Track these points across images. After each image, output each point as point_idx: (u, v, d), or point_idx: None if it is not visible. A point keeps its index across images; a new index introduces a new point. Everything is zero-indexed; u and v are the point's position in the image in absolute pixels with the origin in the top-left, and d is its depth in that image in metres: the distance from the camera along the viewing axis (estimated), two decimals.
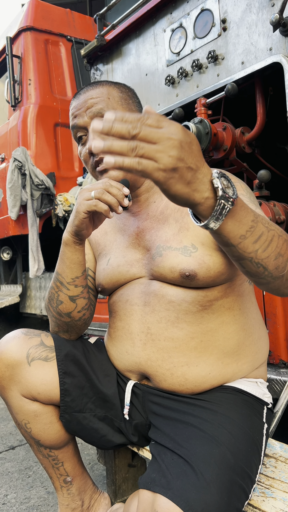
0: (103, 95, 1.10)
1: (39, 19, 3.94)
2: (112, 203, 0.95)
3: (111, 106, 1.09)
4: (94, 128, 0.67)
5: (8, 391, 1.13)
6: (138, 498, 0.85)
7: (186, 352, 1.04)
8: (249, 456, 0.91)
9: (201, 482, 0.78)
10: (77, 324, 1.16)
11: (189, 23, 2.13)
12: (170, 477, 0.81)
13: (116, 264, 1.14)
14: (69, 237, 1.05)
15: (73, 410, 1.15)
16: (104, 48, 2.76)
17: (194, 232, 1.03)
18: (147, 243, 1.11)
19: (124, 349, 1.13)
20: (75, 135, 1.13)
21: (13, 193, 3.62)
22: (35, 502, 1.68)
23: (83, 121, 1.09)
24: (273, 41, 1.75)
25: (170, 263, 1.03)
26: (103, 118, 0.66)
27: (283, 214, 1.91)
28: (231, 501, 0.80)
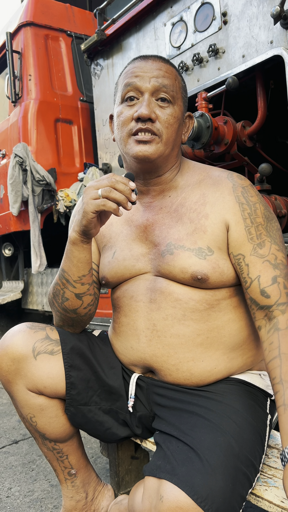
0: (173, 74, 1.07)
1: (38, 14, 3.92)
2: (121, 200, 0.93)
3: (175, 89, 1.06)
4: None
5: (14, 385, 1.13)
6: (144, 485, 0.86)
7: (192, 348, 1.04)
8: (253, 445, 0.92)
9: (206, 468, 0.79)
10: (82, 319, 1.16)
11: (190, 16, 2.13)
12: (176, 463, 0.82)
13: (122, 258, 1.13)
14: (76, 237, 1.02)
15: (79, 403, 1.15)
16: (104, 42, 2.76)
17: (212, 236, 1.02)
18: (156, 238, 1.09)
19: (129, 345, 1.13)
20: (126, 93, 1.06)
21: (14, 189, 3.62)
22: (38, 495, 1.69)
23: (144, 85, 1.04)
24: (274, 34, 1.75)
25: (181, 263, 1.02)
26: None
27: (284, 208, 1.91)
28: (235, 488, 0.81)
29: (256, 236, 1.01)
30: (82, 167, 3.96)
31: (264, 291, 0.98)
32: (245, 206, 1.03)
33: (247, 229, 1.01)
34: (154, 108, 1.03)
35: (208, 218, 1.04)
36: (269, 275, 0.99)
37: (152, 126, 1.02)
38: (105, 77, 2.91)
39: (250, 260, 1.00)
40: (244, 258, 1.01)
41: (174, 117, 1.05)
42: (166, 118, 1.04)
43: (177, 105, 1.07)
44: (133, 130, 1.04)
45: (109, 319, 2.64)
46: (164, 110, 1.04)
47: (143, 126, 1.02)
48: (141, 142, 1.03)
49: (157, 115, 1.03)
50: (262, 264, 0.99)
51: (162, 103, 1.04)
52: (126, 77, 1.07)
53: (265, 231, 1.02)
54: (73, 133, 4.02)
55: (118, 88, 1.11)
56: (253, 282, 0.99)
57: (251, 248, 1.01)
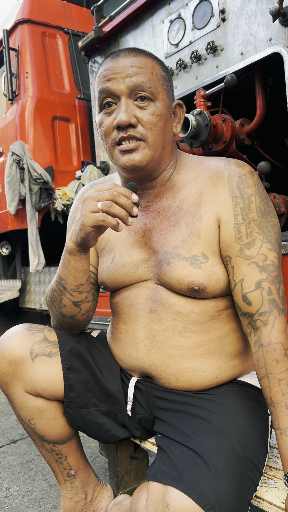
0: (147, 67, 0.97)
1: (35, 12, 3.90)
2: (121, 216, 0.88)
3: (153, 82, 0.97)
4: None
5: (12, 387, 1.12)
6: (148, 491, 0.84)
7: (192, 358, 1.02)
8: (257, 448, 0.91)
9: (213, 474, 0.78)
10: (80, 324, 1.15)
11: (188, 13, 2.11)
12: (181, 469, 0.81)
13: (121, 264, 1.09)
14: (73, 247, 0.98)
15: (77, 406, 1.14)
16: (101, 40, 2.74)
17: (207, 240, 0.98)
18: (155, 244, 1.05)
19: (127, 352, 1.11)
20: (102, 100, 0.98)
21: (11, 187, 3.60)
22: (37, 495, 1.68)
23: (119, 88, 0.95)
24: (272, 31, 1.74)
25: (177, 274, 0.98)
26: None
27: (283, 206, 1.90)
28: (242, 493, 0.80)
29: (246, 235, 0.95)
30: (80, 165, 3.95)
31: (246, 297, 0.94)
32: (239, 200, 0.96)
33: (236, 228, 0.96)
34: (133, 110, 0.95)
35: (202, 221, 0.99)
36: (253, 279, 0.94)
37: (134, 131, 0.95)
38: None
39: (235, 262, 0.96)
40: (231, 260, 0.97)
41: (157, 115, 0.97)
42: (148, 119, 0.96)
43: (159, 100, 0.98)
44: (116, 140, 0.97)
45: (107, 318, 2.63)
46: (145, 110, 0.96)
47: (124, 134, 0.95)
48: (126, 152, 0.97)
49: (138, 118, 0.95)
50: (247, 266, 0.95)
51: (142, 103, 0.96)
52: (99, 82, 1.00)
53: (257, 227, 0.95)
54: (70, 131, 4.00)
55: (95, 95, 1.03)
56: (236, 285, 0.96)
57: (238, 249, 0.95)
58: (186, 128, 1.86)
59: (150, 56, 1.01)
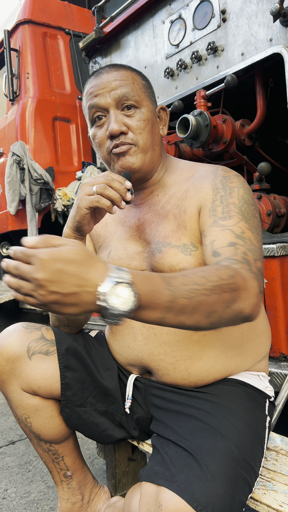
0: (128, 78, 1.07)
1: (37, 12, 3.90)
2: (115, 198, 0.93)
3: (135, 91, 1.06)
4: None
5: (8, 385, 1.12)
6: (141, 491, 0.84)
7: (189, 346, 1.03)
8: (253, 449, 0.90)
9: (206, 474, 0.77)
10: (78, 319, 1.16)
11: (189, 14, 2.11)
12: (174, 470, 0.80)
13: (117, 257, 1.13)
14: (70, 233, 1.03)
15: (74, 404, 1.14)
16: (102, 40, 2.74)
17: (192, 231, 1.02)
18: (148, 236, 1.10)
19: (125, 343, 1.12)
20: (92, 115, 1.08)
21: (11, 188, 3.60)
22: (35, 496, 1.67)
23: (105, 102, 1.05)
24: (273, 32, 1.73)
25: (169, 261, 1.01)
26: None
27: (284, 207, 1.89)
28: (235, 494, 0.80)
29: (222, 212, 0.94)
30: (80, 166, 3.95)
31: (216, 252, 0.88)
32: (220, 190, 0.99)
33: (212, 209, 0.97)
34: (122, 119, 1.04)
35: (186, 213, 1.03)
36: (227, 240, 0.88)
37: (126, 138, 1.04)
38: None
39: (208, 230, 0.94)
40: (204, 232, 0.96)
41: (143, 120, 1.06)
42: (137, 125, 1.05)
43: (144, 107, 1.07)
44: (110, 148, 1.05)
45: None
46: (132, 118, 1.05)
47: (117, 141, 1.04)
48: (121, 155, 1.05)
49: (128, 125, 1.04)
50: (221, 231, 0.90)
51: (129, 111, 1.05)
52: (87, 99, 1.08)
53: (236, 209, 0.94)
54: (71, 131, 4.00)
55: (85, 112, 1.12)
56: (207, 247, 0.92)
57: (212, 221, 0.94)
58: (186, 128, 1.85)
59: (129, 69, 1.10)
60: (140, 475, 0.86)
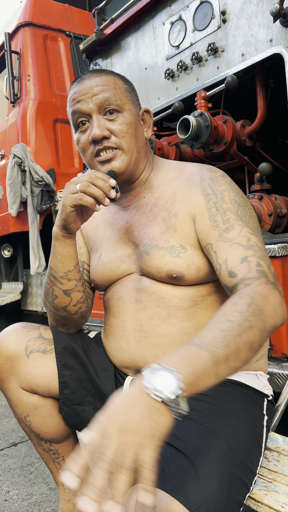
0: (110, 83, 1.08)
1: (37, 15, 3.92)
2: (97, 196, 0.94)
3: (117, 96, 1.07)
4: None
5: (7, 383, 1.13)
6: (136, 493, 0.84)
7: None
8: (249, 448, 0.90)
9: (199, 475, 0.77)
10: (74, 317, 1.16)
11: (189, 15, 2.11)
12: (168, 471, 0.80)
13: (107, 260, 1.14)
14: (58, 231, 1.04)
15: (72, 403, 1.14)
16: (103, 42, 2.74)
17: (183, 234, 1.02)
18: (136, 239, 1.11)
19: (118, 346, 1.12)
20: (76, 120, 1.09)
21: (13, 190, 3.61)
22: (37, 498, 1.67)
23: (88, 107, 1.05)
24: (273, 32, 1.73)
25: (157, 262, 1.02)
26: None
27: (285, 208, 1.89)
28: (230, 494, 0.79)
29: (223, 222, 0.96)
30: (81, 168, 3.95)
31: (232, 272, 0.90)
32: (211, 196, 1.00)
33: (211, 218, 0.98)
34: (105, 124, 1.05)
35: (177, 216, 1.04)
36: (238, 256, 0.90)
37: (109, 142, 1.05)
38: None
39: (217, 246, 0.95)
40: (212, 246, 0.96)
41: (126, 124, 1.06)
42: (119, 129, 1.05)
43: (126, 111, 1.08)
44: (94, 153, 1.06)
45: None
46: (115, 122, 1.06)
47: (100, 146, 1.05)
48: (105, 162, 1.05)
49: (110, 129, 1.05)
50: (230, 247, 0.93)
51: (111, 116, 1.06)
52: (70, 105, 1.09)
53: (234, 215, 0.96)
54: (72, 133, 4.00)
55: (69, 117, 1.13)
56: (221, 267, 0.93)
57: (217, 234, 0.96)
58: (187, 129, 1.85)
59: (111, 73, 1.11)
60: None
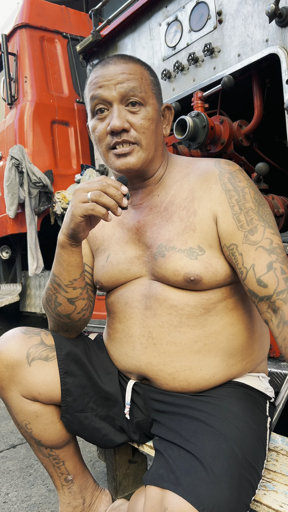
0: (137, 73, 1.00)
1: (34, 16, 3.91)
2: (110, 206, 0.89)
3: (143, 87, 1.00)
4: None
5: (8, 391, 1.11)
6: (145, 495, 0.83)
7: (189, 356, 1.00)
8: (256, 450, 0.90)
9: (211, 477, 0.77)
10: (77, 324, 1.14)
11: (185, 16, 2.11)
12: (179, 472, 0.79)
13: (116, 262, 1.09)
14: (65, 240, 0.99)
15: (75, 410, 1.12)
16: (99, 43, 2.74)
17: (202, 233, 0.98)
18: (148, 240, 1.05)
19: (123, 352, 1.10)
20: (94, 106, 1.01)
21: (10, 191, 3.60)
22: (36, 500, 1.67)
23: (110, 95, 0.98)
24: (269, 32, 1.73)
25: (173, 265, 0.98)
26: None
27: (282, 207, 1.89)
28: (240, 496, 0.79)
29: (247, 222, 0.96)
30: (79, 169, 3.95)
31: (261, 281, 0.92)
32: (233, 193, 0.98)
33: (235, 217, 0.96)
34: (126, 116, 0.99)
35: (196, 215, 1.00)
36: (264, 262, 0.92)
37: (128, 136, 0.99)
38: None
39: (243, 249, 0.95)
40: (237, 248, 0.95)
41: (148, 119, 1.00)
42: (141, 124, 0.99)
43: (149, 105, 1.01)
44: (110, 145, 1.00)
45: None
46: (136, 115, 0.99)
47: (118, 139, 0.98)
48: (121, 156, 1.00)
49: (131, 122, 0.99)
50: (255, 251, 0.94)
51: (133, 108, 0.99)
52: (90, 89, 1.02)
53: (256, 215, 0.96)
54: (69, 134, 4.00)
55: (86, 101, 1.06)
56: (248, 272, 0.94)
57: (243, 236, 0.95)
58: (183, 130, 1.85)
59: (138, 62, 1.04)
60: (144, 479, 0.85)
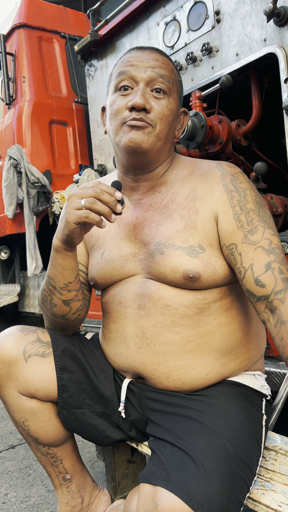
0: (169, 66, 1.04)
1: (32, 16, 3.91)
2: (104, 213, 0.89)
3: (172, 79, 1.03)
4: None
5: (5, 388, 1.11)
6: (139, 492, 0.84)
7: (182, 355, 1.01)
8: (249, 448, 0.90)
9: (201, 473, 0.77)
10: (72, 323, 1.15)
11: (183, 15, 2.11)
12: (170, 469, 0.80)
13: (110, 258, 1.09)
14: (59, 244, 0.99)
15: (71, 406, 1.13)
16: (98, 43, 2.74)
17: (203, 232, 0.99)
18: (145, 237, 1.05)
19: (118, 352, 1.10)
20: (119, 82, 1.02)
21: (9, 192, 3.60)
22: (35, 500, 1.67)
23: (139, 74, 1.00)
24: (267, 32, 1.73)
25: (172, 262, 0.98)
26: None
27: (281, 207, 1.89)
28: (232, 492, 0.79)
29: (247, 223, 0.97)
30: (78, 169, 3.95)
31: (258, 280, 0.93)
32: (234, 194, 0.99)
33: (236, 217, 0.98)
34: (149, 98, 0.99)
35: (198, 214, 1.00)
36: (262, 262, 0.93)
37: (146, 116, 0.98)
38: (99, 78, 2.89)
39: (242, 248, 0.96)
40: (237, 247, 0.96)
41: (169, 109, 1.01)
42: (161, 110, 1.00)
43: (172, 98, 1.03)
44: (126, 120, 0.99)
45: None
46: (159, 101, 1.00)
47: (137, 116, 0.97)
48: (134, 127, 0.98)
49: (152, 105, 0.99)
50: (254, 251, 0.95)
51: (157, 94, 1.00)
52: (121, 66, 1.03)
53: (257, 216, 0.98)
54: (68, 134, 4.01)
55: (112, 78, 1.06)
56: (246, 271, 0.94)
57: (242, 235, 0.96)
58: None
59: (171, 60, 1.08)
60: (139, 477, 0.86)
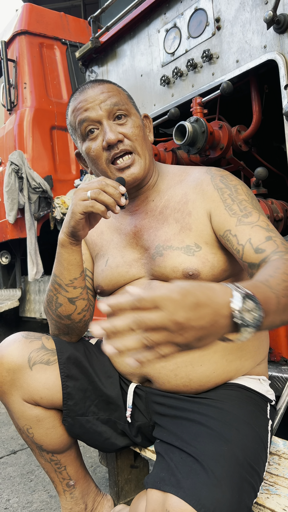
0: (114, 89, 1.09)
1: (33, 23, 3.94)
2: (109, 203, 0.94)
3: (123, 100, 1.08)
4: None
5: (10, 396, 1.11)
6: (147, 498, 0.83)
7: (189, 351, 1.02)
8: (257, 453, 0.90)
9: (212, 480, 0.77)
10: (77, 326, 1.15)
11: (183, 23, 2.13)
12: (180, 475, 0.80)
13: (115, 265, 1.13)
14: (65, 238, 1.04)
15: (76, 414, 1.13)
16: (98, 50, 2.76)
17: (197, 232, 1.02)
18: (145, 242, 1.10)
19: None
20: (84, 129, 1.08)
21: (10, 197, 3.61)
22: (37, 506, 1.66)
23: (97, 114, 1.05)
24: (267, 39, 1.75)
25: (172, 262, 1.02)
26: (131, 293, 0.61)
27: (281, 212, 1.90)
28: (242, 499, 0.79)
29: (240, 210, 0.98)
30: (79, 174, 3.96)
31: (259, 248, 0.91)
32: (225, 190, 1.03)
33: (228, 208, 1.00)
34: (117, 129, 1.05)
35: (191, 215, 1.04)
36: (262, 235, 0.92)
37: (124, 145, 1.05)
38: None
39: (237, 230, 0.96)
40: (231, 231, 0.97)
41: (136, 127, 1.08)
42: (132, 131, 1.06)
43: (133, 115, 1.09)
44: (109, 158, 1.06)
45: None
46: (125, 125, 1.07)
47: (116, 150, 1.04)
48: (124, 169, 1.05)
49: (123, 133, 1.05)
50: (251, 229, 0.94)
51: (121, 121, 1.07)
52: (76, 115, 1.08)
53: (250, 205, 0.99)
54: (69, 140, 4.02)
55: (74, 128, 1.11)
56: (245, 246, 0.93)
57: (236, 220, 0.97)
58: (183, 135, 1.87)
59: (111, 82, 1.13)
60: (145, 482, 0.86)
